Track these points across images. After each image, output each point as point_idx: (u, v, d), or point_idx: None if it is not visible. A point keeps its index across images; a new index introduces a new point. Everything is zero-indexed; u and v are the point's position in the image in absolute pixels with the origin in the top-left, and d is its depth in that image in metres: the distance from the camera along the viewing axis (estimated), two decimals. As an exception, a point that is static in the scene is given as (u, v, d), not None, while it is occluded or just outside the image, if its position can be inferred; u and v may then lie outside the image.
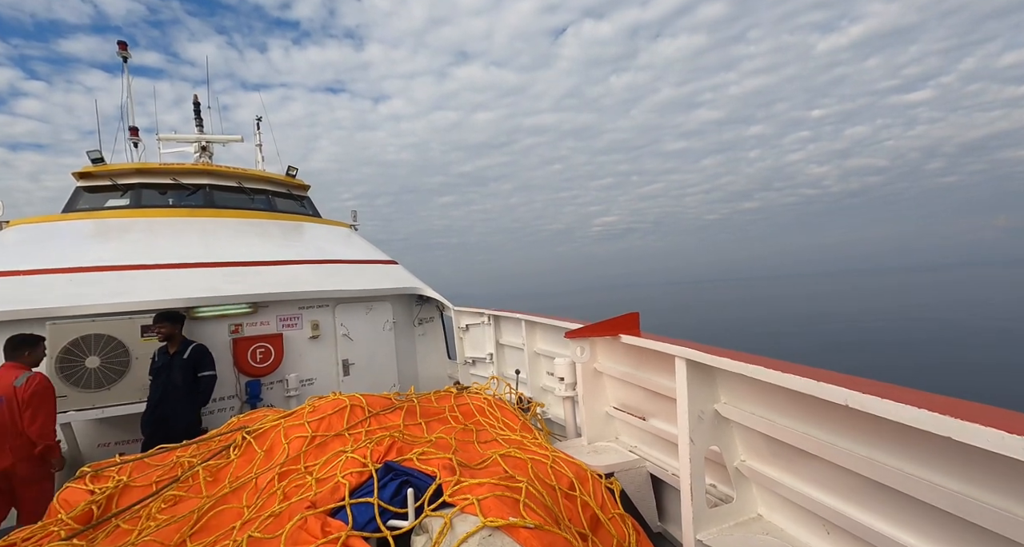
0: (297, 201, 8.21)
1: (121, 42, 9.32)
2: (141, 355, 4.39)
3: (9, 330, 4.08)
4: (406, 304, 6.43)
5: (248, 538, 1.42)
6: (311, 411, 2.17)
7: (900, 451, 1.29)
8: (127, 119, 9.12)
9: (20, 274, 4.60)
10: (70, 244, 5.43)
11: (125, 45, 9.30)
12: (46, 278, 4.59)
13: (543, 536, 1.35)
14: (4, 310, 3.98)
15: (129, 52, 9.24)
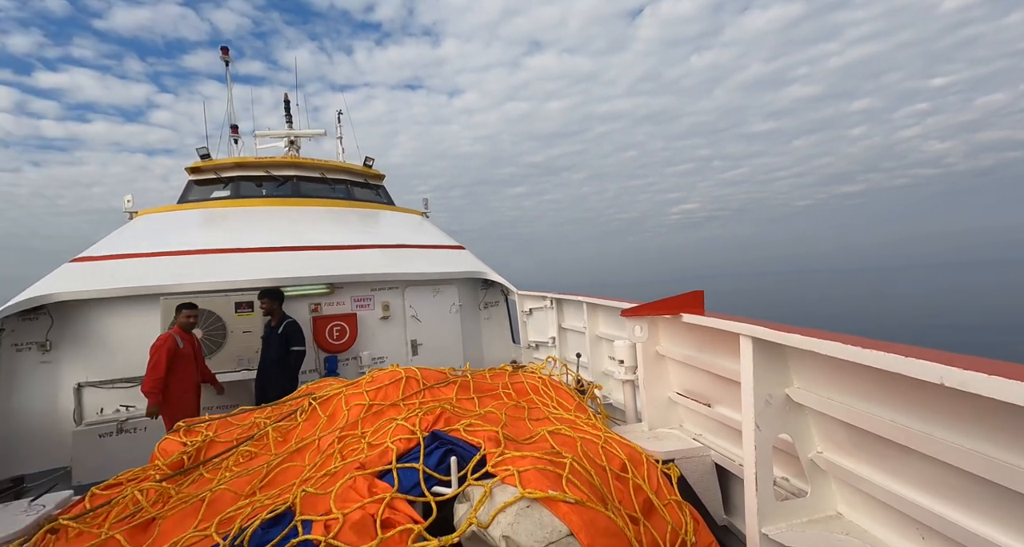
0: (373, 190, 8.60)
1: (223, 47, 10.26)
2: (235, 329, 4.89)
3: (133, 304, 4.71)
4: (471, 288, 6.54)
5: (303, 493, 1.51)
6: (370, 381, 2.27)
7: (1012, 442, 1.06)
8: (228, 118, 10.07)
9: (142, 256, 5.25)
10: (182, 231, 6.10)
11: (227, 50, 10.22)
12: (162, 260, 5.20)
13: (584, 512, 1.29)
14: (127, 286, 4.57)
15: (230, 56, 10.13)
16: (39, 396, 4.43)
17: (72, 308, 4.59)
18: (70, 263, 5.08)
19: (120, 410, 4.44)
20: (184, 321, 4.10)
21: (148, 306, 4.68)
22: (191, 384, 4.09)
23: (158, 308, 4.61)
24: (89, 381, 4.56)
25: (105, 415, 4.39)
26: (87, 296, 4.52)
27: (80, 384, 4.52)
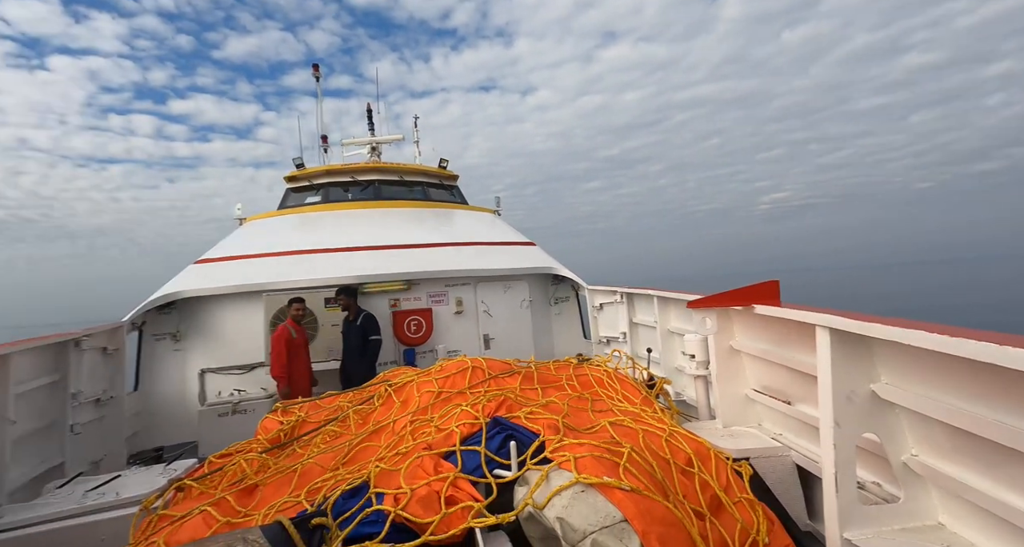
0: (448, 190, 8.93)
1: (314, 65, 11.18)
2: (326, 322, 5.37)
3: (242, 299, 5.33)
4: (542, 283, 6.59)
5: (378, 469, 1.65)
6: (439, 370, 2.40)
7: None
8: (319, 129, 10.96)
9: (249, 258, 5.90)
10: (281, 234, 6.76)
11: (317, 67, 11.12)
12: (265, 260, 5.82)
13: (640, 500, 1.29)
14: (237, 284, 5.19)
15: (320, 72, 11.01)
16: (173, 380, 5.17)
17: (195, 303, 5.30)
18: (194, 264, 5.84)
19: (234, 393, 5.05)
20: (295, 314, 4.63)
21: (254, 301, 5.26)
22: (304, 369, 4.57)
23: (262, 303, 5.18)
24: (210, 367, 5.24)
25: (223, 397, 5.01)
26: (205, 293, 5.19)
27: (203, 370, 5.20)
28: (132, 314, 4.73)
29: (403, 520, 1.35)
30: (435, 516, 1.34)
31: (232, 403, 4.77)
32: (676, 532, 1.28)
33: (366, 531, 1.32)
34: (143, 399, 4.96)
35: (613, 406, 2.16)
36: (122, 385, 4.60)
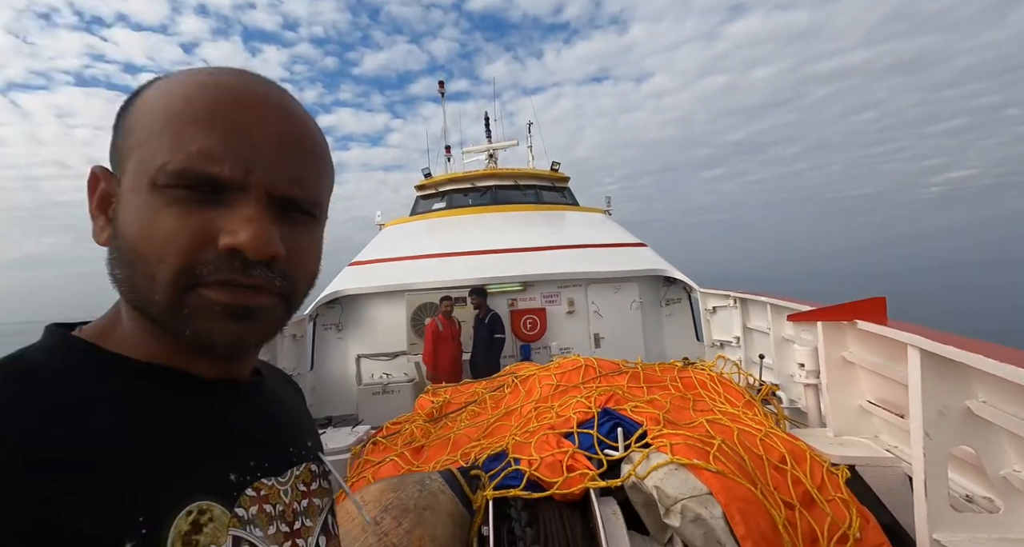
0: (559, 192, 9.34)
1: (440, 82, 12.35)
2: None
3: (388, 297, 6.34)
4: (653, 285, 6.71)
5: (513, 441, 2.13)
6: (557, 367, 2.84)
7: None
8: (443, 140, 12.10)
9: (390, 260, 6.93)
10: (413, 239, 7.76)
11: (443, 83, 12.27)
12: (403, 263, 6.79)
13: (724, 480, 1.57)
14: (382, 284, 6.19)
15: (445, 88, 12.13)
16: (337, 362, 6.33)
17: (352, 300, 6.41)
18: (349, 266, 7.02)
19: (383, 377, 6.05)
20: (444, 309, 5.47)
21: (398, 299, 6.22)
22: (450, 357, 5.40)
23: (404, 300, 6.11)
24: (364, 354, 6.32)
25: (374, 379, 6.05)
26: (359, 291, 6.26)
27: (359, 356, 6.30)
28: (310, 308, 5.93)
29: (535, 478, 1.80)
30: (559, 478, 1.78)
31: (382, 384, 5.76)
32: (757, 510, 1.54)
33: (508, 483, 1.80)
34: (317, 377, 6.18)
35: (713, 407, 2.39)
36: (305, 365, 5.82)
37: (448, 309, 5.54)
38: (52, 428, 0.35)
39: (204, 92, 0.42)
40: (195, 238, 0.40)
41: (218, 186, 0.41)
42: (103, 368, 0.42)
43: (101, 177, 0.45)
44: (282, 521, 0.48)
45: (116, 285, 0.44)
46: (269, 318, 0.44)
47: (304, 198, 0.45)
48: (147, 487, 0.37)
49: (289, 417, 0.56)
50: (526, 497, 1.72)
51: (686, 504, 1.50)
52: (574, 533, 1.60)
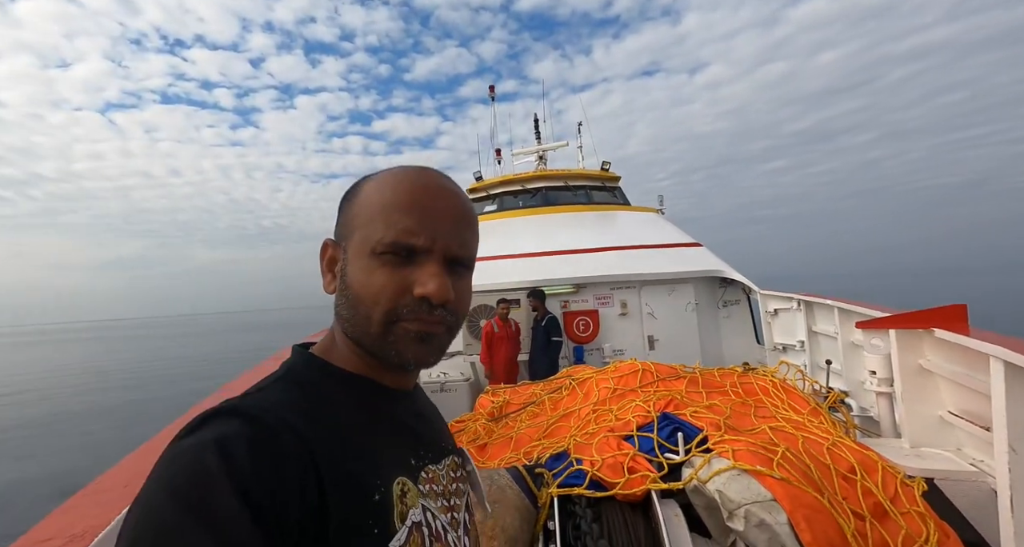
0: (610, 192, 9.28)
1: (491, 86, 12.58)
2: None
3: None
4: (709, 286, 6.55)
5: (574, 442, 2.22)
6: (614, 370, 2.89)
7: None
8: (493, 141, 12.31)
9: None
10: None
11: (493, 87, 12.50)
12: None
13: (789, 487, 1.57)
14: None
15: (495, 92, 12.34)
16: None
17: None
18: None
19: (440, 376, 6.30)
20: (500, 311, 5.64)
21: None
22: (505, 358, 5.58)
23: (458, 304, 6.32)
24: (422, 353, 6.59)
25: (432, 378, 6.30)
26: None
27: (418, 355, 6.58)
28: None
29: (597, 478, 1.88)
30: (621, 478, 1.84)
31: (440, 383, 5.99)
32: (824, 518, 1.54)
33: (571, 482, 1.89)
34: None
35: (776, 414, 2.37)
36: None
37: (504, 311, 5.69)
38: (321, 416, 0.53)
39: (403, 187, 0.60)
40: (398, 288, 0.57)
41: (413, 251, 0.58)
42: (338, 377, 0.61)
43: (330, 246, 0.65)
44: (443, 498, 0.64)
45: (339, 321, 0.63)
46: (441, 343, 0.61)
47: (466, 256, 0.62)
48: (377, 461, 0.55)
49: (435, 419, 0.75)
50: (589, 495, 1.80)
51: (749, 509, 1.53)
52: (637, 533, 1.66)
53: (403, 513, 0.54)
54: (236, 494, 0.41)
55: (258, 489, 0.42)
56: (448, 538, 0.61)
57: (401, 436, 0.63)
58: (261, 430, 0.47)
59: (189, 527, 0.38)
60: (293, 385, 0.58)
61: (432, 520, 0.59)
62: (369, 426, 0.59)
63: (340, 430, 0.54)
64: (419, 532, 0.55)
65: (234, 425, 0.47)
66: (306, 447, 0.48)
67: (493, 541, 1.60)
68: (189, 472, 0.42)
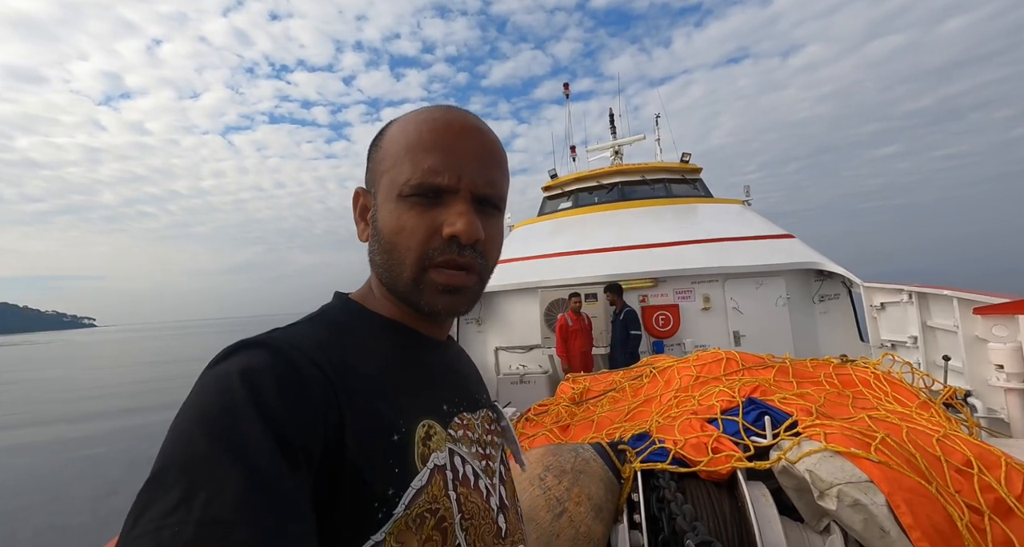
0: (690, 185, 8.97)
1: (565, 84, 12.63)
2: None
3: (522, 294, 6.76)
4: (802, 279, 6.15)
5: (656, 423, 2.26)
6: (696, 359, 2.86)
7: None
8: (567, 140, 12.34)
9: (523, 260, 7.36)
10: (542, 238, 8.11)
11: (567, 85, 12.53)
12: (534, 262, 7.17)
13: (888, 471, 1.50)
14: (517, 282, 6.61)
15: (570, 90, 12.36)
16: (478, 353, 6.94)
17: (490, 296, 6.97)
18: None
19: (520, 368, 6.50)
20: (573, 305, 5.77)
21: (531, 296, 6.61)
22: (580, 351, 5.70)
23: (537, 297, 6.48)
24: (501, 346, 6.84)
25: (512, 370, 6.52)
26: (496, 289, 6.77)
27: (497, 348, 6.83)
28: None
29: (680, 456, 1.91)
30: (705, 458, 1.87)
31: (519, 375, 6.19)
32: (929, 504, 1.46)
33: (653, 459, 1.94)
34: None
35: (879, 405, 2.23)
36: (452, 354, 6.51)
37: (576, 305, 5.76)
38: (348, 356, 0.54)
39: (426, 126, 0.60)
40: (427, 231, 0.57)
41: (440, 191, 0.58)
42: (372, 321, 0.63)
43: (361, 194, 0.66)
44: (478, 445, 0.64)
45: (374, 268, 0.64)
46: (471, 292, 0.62)
47: (494, 195, 0.62)
48: (401, 403, 0.55)
49: (470, 372, 0.76)
50: (673, 470, 1.84)
51: (842, 489, 1.49)
52: (722, 508, 1.68)
53: (425, 455, 0.53)
54: (260, 423, 0.42)
55: (281, 418, 0.43)
56: (479, 484, 0.60)
57: (432, 382, 0.63)
58: (286, 363, 0.48)
59: (217, 454, 0.39)
60: (325, 325, 0.59)
61: (461, 465, 0.58)
62: (398, 369, 0.59)
63: (365, 370, 0.54)
64: (442, 475, 0.54)
65: (261, 356, 0.48)
66: (328, 382, 0.49)
67: (579, 506, 1.70)
68: (217, 401, 0.43)
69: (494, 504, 0.62)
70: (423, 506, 0.51)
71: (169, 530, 0.34)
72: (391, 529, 0.48)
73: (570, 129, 11.99)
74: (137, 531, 0.35)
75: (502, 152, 0.64)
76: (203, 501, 0.36)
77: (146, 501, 0.37)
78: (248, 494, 0.37)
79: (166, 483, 0.37)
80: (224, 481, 0.37)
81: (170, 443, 0.41)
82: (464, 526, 0.55)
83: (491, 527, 0.59)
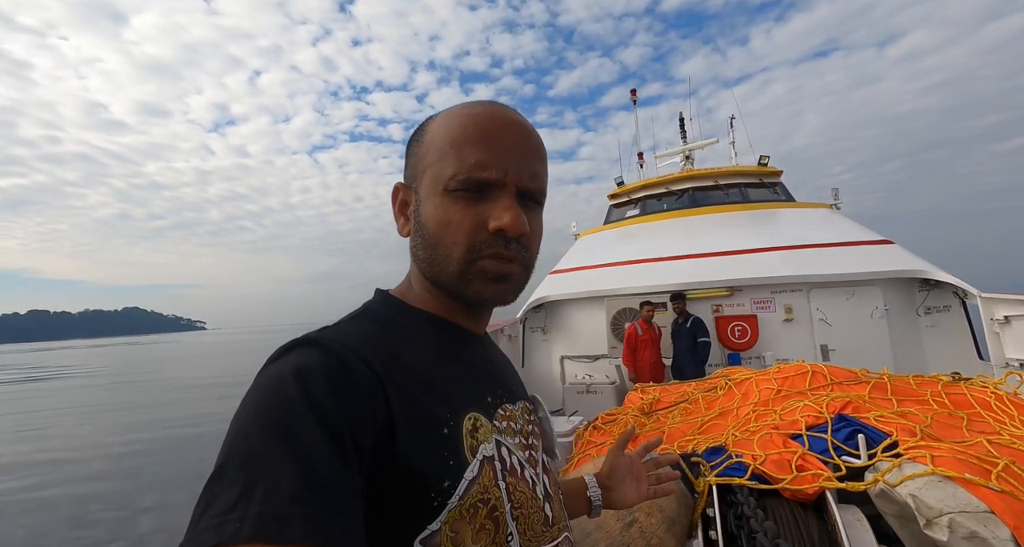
0: (769, 189, 8.45)
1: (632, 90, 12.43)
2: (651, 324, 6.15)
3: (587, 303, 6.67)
4: (904, 289, 5.56)
5: (733, 438, 2.13)
6: (776, 371, 2.67)
7: None
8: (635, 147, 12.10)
9: (588, 268, 7.28)
10: (608, 247, 7.98)
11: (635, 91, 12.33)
12: (600, 270, 7.07)
13: (1013, 502, 1.31)
14: (582, 291, 6.54)
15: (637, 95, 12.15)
16: (543, 362, 6.93)
17: (555, 305, 6.95)
18: (550, 274, 7.61)
19: (586, 377, 6.40)
20: (645, 314, 5.64)
21: (597, 305, 6.51)
22: (649, 361, 5.54)
23: (603, 306, 6.37)
24: (567, 355, 6.77)
25: (578, 379, 6.43)
26: (561, 297, 6.74)
27: (563, 357, 6.78)
28: (520, 313, 6.66)
29: (760, 472, 1.79)
30: (788, 475, 1.73)
31: (586, 385, 6.09)
32: None
33: (730, 473, 1.84)
34: (528, 373, 6.86)
35: (1002, 430, 1.96)
36: (518, 363, 6.56)
37: (649, 314, 5.60)
38: (393, 351, 0.55)
39: (470, 121, 0.60)
40: (474, 225, 0.58)
41: (486, 186, 0.58)
42: (413, 316, 0.64)
43: (401, 189, 0.66)
44: (521, 436, 0.65)
45: (416, 263, 0.64)
46: (517, 281, 0.62)
47: (537, 189, 0.62)
48: (447, 395, 0.56)
49: (507, 365, 0.76)
50: (752, 486, 1.73)
51: (955, 518, 1.32)
52: (809, 531, 1.55)
53: (473, 447, 0.54)
54: (313, 419, 0.43)
55: (333, 414, 0.45)
56: (525, 474, 0.61)
57: (474, 375, 0.64)
58: (336, 360, 0.49)
59: (273, 450, 0.41)
60: (369, 321, 0.60)
61: (508, 455, 0.59)
62: (441, 363, 0.60)
63: (411, 365, 0.55)
64: (491, 466, 0.55)
65: (312, 355, 0.49)
66: (377, 378, 0.50)
67: (651, 518, 1.65)
68: (272, 399, 0.45)
69: (540, 493, 0.62)
70: (476, 496, 0.52)
71: (231, 525, 0.37)
72: (446, 519, 0.49)
73: (637, 135, 11.76)
74: (202, 524, 0.38)
75: (543, 146, 0.64)
76: (261, 497, 0.38)
77: (211, 496, 0.40)
78: (303, 489, 0.39)
79: (228, 478, 0.40)
80: (280, 477, 0.39)
81: (230, 439, 0.43)
82: (514, 515, 0.56)
83: (539, 515, 0.60)
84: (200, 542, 0.37)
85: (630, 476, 0.93)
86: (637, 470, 0.95)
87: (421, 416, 0.51)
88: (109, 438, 12.90)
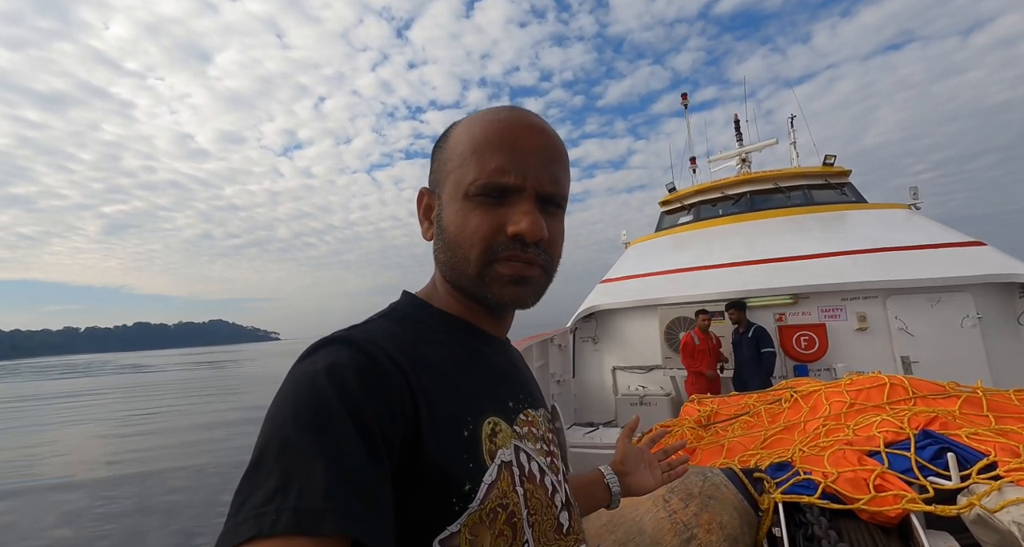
0: (836, 190, 7.95)
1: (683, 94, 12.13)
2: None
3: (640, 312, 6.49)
4: (1001, 295, 5.02)
5: (800, 453, 1.99)
6: (849, 383, 2.48)
7: None
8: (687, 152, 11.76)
9: (640, 277, 7.10)
10: (660, 255, 7.75)
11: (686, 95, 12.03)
12: (652, 279, 6.88)
13: None
14: (635, 299, 6.38)
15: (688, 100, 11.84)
16: (594, 372, 6.79)
17: (606, 314, 6.81)
18: (601, 284, 7.49)
19: (639, 388, 6.21)
20: (701, 323, 5.43)
21: (650, 314, 6.33)
22: (704, 370, 5.31)
23: (656, 315, 6.18)
24: (619, 366, 6.61)
25: (631, 391, 6.26)
26: (612, 307, 6.61)
27: (614, 367, 6.62)
28: (571, 322, 6.59)
29: (833, 491, 1.66)
30: (865, 495, 1.59)
31: (639, 396, 5.91)
32: None
33: (798, 491, 1.71)
34: (579, 384, 6.75)
35: None
36: (568, 373, 6.47)
37: (705, 323, 5.38)
38: (418, 351, 0.56)
39: (491, 127, 0.60)
40: (492, 229, 0.58)
41: (506, 191, 0.58)
42: (437, 317, 0.64)
43: (426, 194, 0.67)
44: (543, 442, 0.64)
45: (438, 266, 0.65)
46: (537, 284, 0.61)
47: (558, 193, 0.61)
48: (469, 398, 0.56)
49: (527, 371, 0.75)
50: (824, 506, 1.60)
51: (1071, 551, 1.16)
52: (891, 558, 1.41)
53: (492, 451, 0.54)
54: (346, 414, 0.44)
55: (363, 409, 0.46)
56: (545, 480, 0.60)
57: (496, 378, 0.63)
58: (366, 357, 0.50)
59: (307, 444, 0.42)
60: (396, 321, 0.61)
61: (527, 461, 0.58)
62: (464, 365, 0.60)
63: (436, 365, 0.55)
64: (509, 471, 0.55)
65: (343, 352, 0.50)
66: (404, 376, 0.51)
67: (711, 535, 1.56)
68: (306, 395, 0.46)
69: (559, 501, 0.62)
70: (495, 501, 0.52)
71: (268, 517, 0.38)
72: (466, 521, 0.49)
73: (690, 140, 11.43)
74: (241, 516, 0.39)
75: (565, 151, 0.64)
76: (296, 490, 0.40)
77: (248, 489, 0.41)
78: (337, 483, 0.40)
79: (264, 471, 0.41)
80: (315, 470, 0.41)
81: (266, 434, 0.44)
82: (530, 521, 0.55)
83: (552, 523, 0.59)
84: (239, 533, 0.38)
85: (643, 463, 0.93)
86: (648, 458, 0.95)
87: (444, 417, 0.52)
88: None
